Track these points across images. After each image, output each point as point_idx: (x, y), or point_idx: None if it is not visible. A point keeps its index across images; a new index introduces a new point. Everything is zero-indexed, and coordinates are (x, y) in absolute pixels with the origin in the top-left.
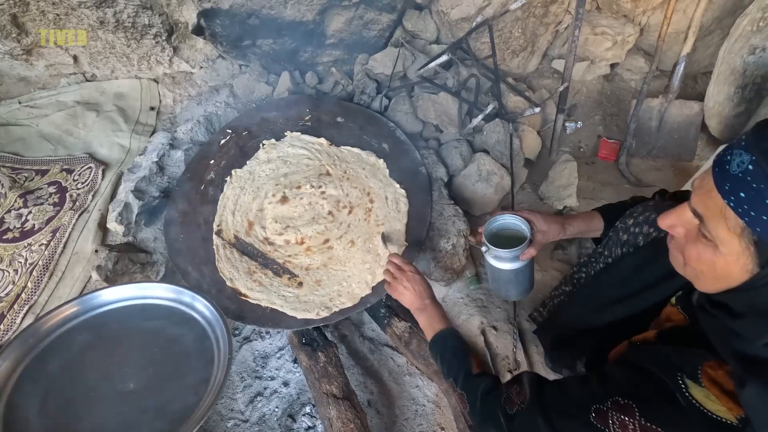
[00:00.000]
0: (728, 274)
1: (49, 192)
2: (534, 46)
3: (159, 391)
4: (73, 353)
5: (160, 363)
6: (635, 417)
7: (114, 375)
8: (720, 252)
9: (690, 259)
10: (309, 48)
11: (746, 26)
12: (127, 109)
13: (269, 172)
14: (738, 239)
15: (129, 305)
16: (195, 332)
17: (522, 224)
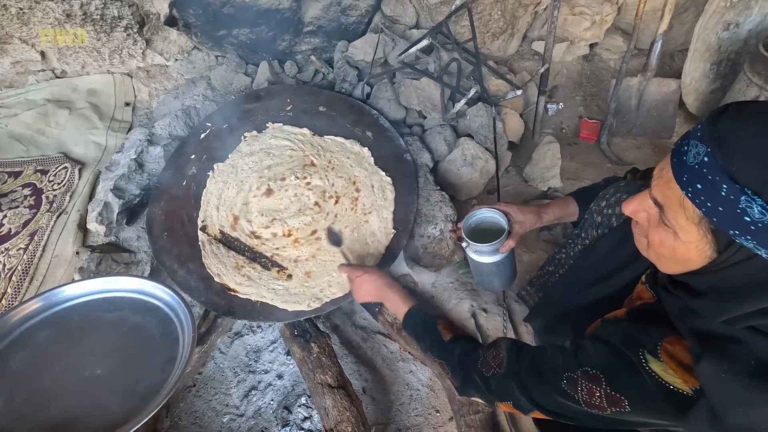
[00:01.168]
0: (688, 258)
1: (23, 194)
2: (514, 28)
3: (127, 373)
4: (37, 347)
5: (126, 349)
6: (602, 386)
7: (80, 364)
8: (680, 239)
9: (653, 244)
10: (287, 36)
11: (720, 3)
12: (101, 106)
13: (252, 165)
14: (696, 228)
15: (92, 299)
16: (158, 318)
17: (499, 217)
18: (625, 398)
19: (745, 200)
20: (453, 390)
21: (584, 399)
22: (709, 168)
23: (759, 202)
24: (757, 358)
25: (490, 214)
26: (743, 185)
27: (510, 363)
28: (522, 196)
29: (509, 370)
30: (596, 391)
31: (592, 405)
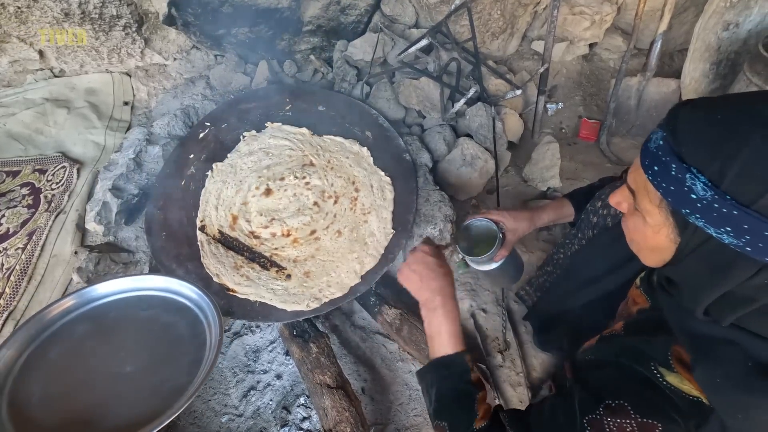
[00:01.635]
0: (658, 244)
1: (22, 194)
2: (513, 27)
3: (154, 372)
4: (73, 342)
5: (155, 348)
6: (631, 416)
7: (111, 360)
8: (648, 224)
9: (629, 231)
10: (286, 36)
11: (720, 3)
12: (100, 105)
13: (251, 165)
14: (659, 210)
15: (124, 297)
16: (188, 318)
17: (488, 224)
18: (658, 422)
19: (690, 178)
20: None
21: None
22: (663, 150)
23: (702, 179)
24: (751, 358)
25: (483, 224)
26: (689, 164)
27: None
28: (521, 196)
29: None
30: (626, 425)
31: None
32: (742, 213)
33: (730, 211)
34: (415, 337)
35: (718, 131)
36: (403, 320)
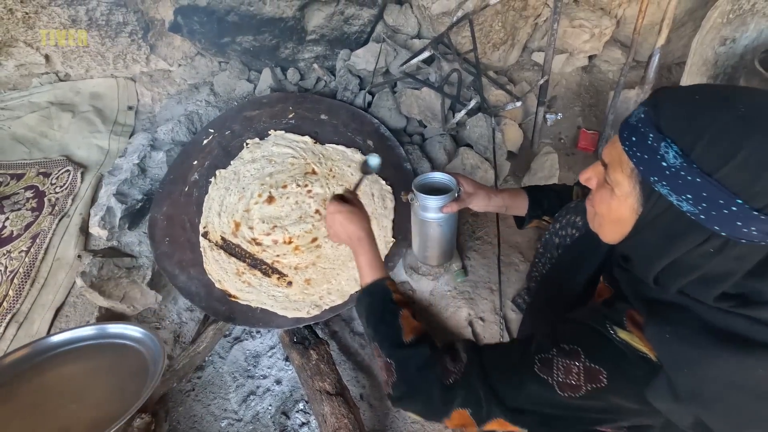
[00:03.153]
0: (621, 215)
1: (26, 197)
2: (514, 39)
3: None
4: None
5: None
6: (580, 359)
7: None
8: (615, 194)
9: (594, 203)
10: (290, 44)
11: (717, 18)
12: (104, 109)
13: (254, 172)
14: (628, 180)
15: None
16: (132, 358)
17: (449, 181)
18: (604, 369)
19: (664, 146)
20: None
21: (560, 380)
22: (643, 123)
23: (674, 148)
24: (698, 321)
25: (441, 178)
26: (666, 134)
27: (472, 362)
28: None
29: (473, 370)
30: (574, 366)
31: (567, 386)
32: (704, 181)
33: (694, 178)
34: None
35: (694, 108)
36: None
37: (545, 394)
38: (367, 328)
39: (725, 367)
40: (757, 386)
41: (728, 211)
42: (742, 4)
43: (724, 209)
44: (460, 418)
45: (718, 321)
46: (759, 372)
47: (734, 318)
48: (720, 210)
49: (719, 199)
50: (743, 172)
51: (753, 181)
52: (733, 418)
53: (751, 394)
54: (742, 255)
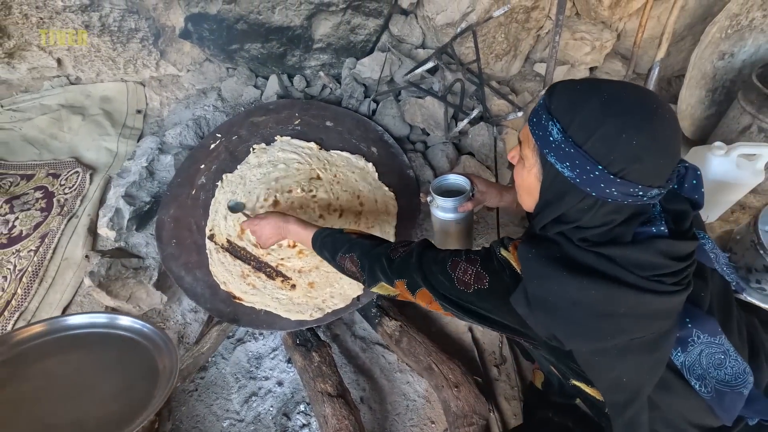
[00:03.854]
0: (530, 184)
1: (35, 197)
2: (517, 50)
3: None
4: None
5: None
6: (476, 266)
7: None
8: (525, 167)
9: (516, 180)
10: (297, 52)
11: (715, 33)
12: (114, 113)
13: (260, 177)
14: (533, 153)
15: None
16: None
17: (464, 182)
18: (487, 275)
19: (551, 125)
20: (448, 402)
21: (458, 277)
22: (540, 107)
23: (558, 126)
24: (559, 251)
25: (456, 180)
26: (553, 115)
27: (416, 249)
28: (519, 213)
29: (413, 253)
30: (470, 269)
31: (461, 282)
32: (576, 151)
33: (570, 149)
34: (414, 348)
35: (573, 95)
36: (402, 332)
37: (448, 284)
38: (329, 252)
39: (566, 284)
40: (592, 305)
41: (593, 176)
42: (740, 20)
43: (591, 174)
44: (401, 287)
45: (574, 253)
46: (592, 293)
47: (586, 253)
48: (588, 175)
49: (587, 165)
50: (602, 144)
51: (608, 151)
52: (569, 326)
53: (586, 310)
54: (611, 211)
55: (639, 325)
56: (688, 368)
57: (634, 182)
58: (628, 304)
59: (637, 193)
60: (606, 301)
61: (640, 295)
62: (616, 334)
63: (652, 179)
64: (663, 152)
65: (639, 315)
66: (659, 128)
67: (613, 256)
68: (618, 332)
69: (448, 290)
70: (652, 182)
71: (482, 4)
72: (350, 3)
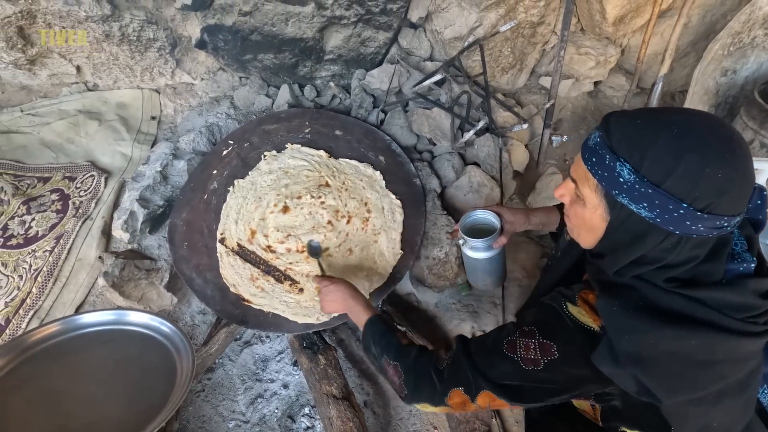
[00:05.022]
0: (594, 224)
1: (51, 199)
2: (522, 63)
3: (126, 399)
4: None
5: (128, 378)
6: (536, 337)
7: (86, 387)
8: (586, 207)
9: (571, 217)
10: (308, 63)
11: (718, 50)
12: (129, 119)
13: (271, 183)
14: (595, 194)
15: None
16: (159, 353)
17: (492, 217)
18: (553, 343)
19: (618, 165)
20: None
21: (521, 356)
22: (600, 146)
23: (627, 166)
24: (643, 298)
25: (484, 215)
26: (618, 155)
27: (460, 348)
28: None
29: (461, 354)
30: (531, 344)
31: (528, 361)
32: (654, 191)
33: (647, 190)
34: None
35: (638, 130)
36: None
37: (513, 369)
38: (375, 349)
39: (661, 336)
40: (690, 354)
41: (678, 214)
42: (742, 37)
43: (674, 212)
44: (458, 397)
45: (660, 299)
46: (692, 342)
47: (674, 297)
48: (671, 213)
49: (669, 204)
50: (684, 182)
51: (692, 188)
52: (668, 381)
53: (685, 361)
54: (695, 246)
55: (735, 369)
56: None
57: (722, 215)
58: (727, 350)
59: (723, 225)
60: (705, 348)
61: (737, 339)
62: (716, 381)
63: (738, 208)
64: (745, 179)
65: (736, 359)
66: (739, 156)
67: (705, 299)
68: (718, 379)
69: (515, 379)
70: (737, 211)
71: (489, 20)
72: (361, 17)
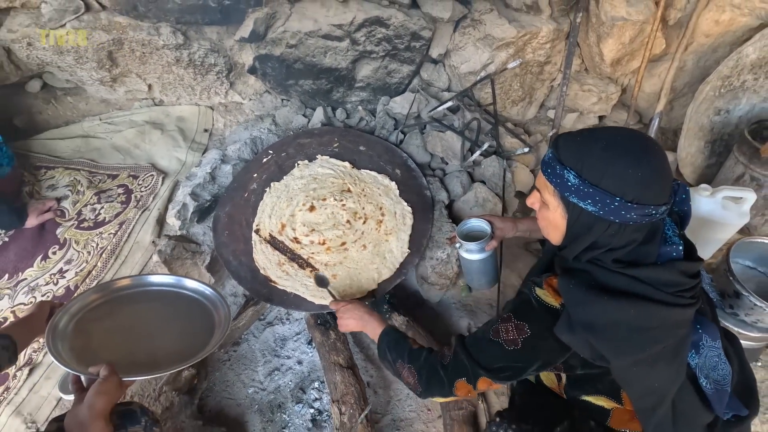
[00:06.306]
0: (557, 222)
1: (117, 192)
2: (531, 97)
3: (181, 336)
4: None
5: (181, 322)
6: (512, 321)
7: (152, 324)
8: (549, 209)
9: (541, 220)
10: (341, 89)
11: (709, 92)
12: (186, 130)
13: (301, 186)
14: (554, 197)
15: (165, 289)
16: (202, 309)
17: (484, 224)
18: (525, 323)
19: (566, 172)
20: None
21: (504, 338)
22: (552, 159)
23: (572, 173)
24: (594, 278)
25: (478, 223)
26: (565, 165)
27: (458, 344)
28: (523, 240)
29: (459, 348)
30: (510, 326)
31: (509, 341)
32: (594, 190)
33: (588, 189)
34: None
35: (578, 146)
36: (408, 326)
37: (499, 352)
38: (390, 355)
39: (607, 307)
40: (631, 322)
41: (614, 206)
42: (732, 81)
43: (611, 205)
44: (462, 386)
45: (607, 278)
46: (631, 312)
47: (618, 276)
48: (609, 206)
49: (606, 199)
50: (614, 181)
51: (621, 185)
52: (614, 344)
53: (626, 327)
54: (633, 231)
55: (668, 335)
56: (700, 368)
57: (648, 204)
58: (660, 318)
59: (652, 212)
60: (642, 317)
61: (668, 308)
62: (651, 345)
63: (660, 198)
64: (662, 176)
65: (668, 326)
66: (654, 159)
67: (642, 277)
68: (653, 343)
69: (502, 360)
70: (660, 201)
71: (500, 58)
72: (388, 52)
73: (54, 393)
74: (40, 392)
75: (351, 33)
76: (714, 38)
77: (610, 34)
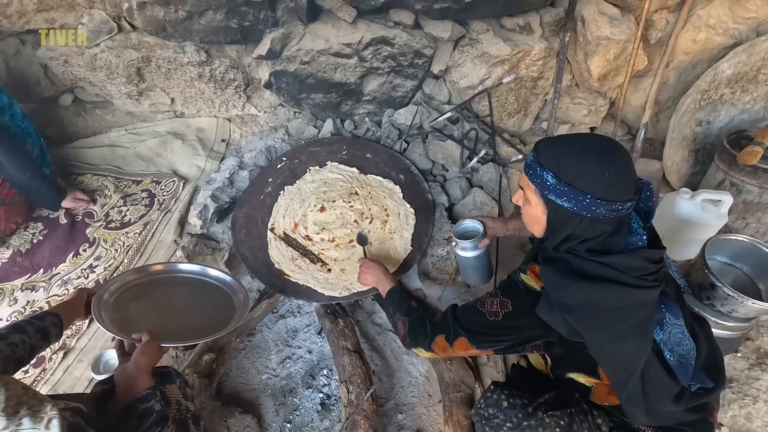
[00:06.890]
0: (539, 217)
1: (142, 196)
2: (527, 110)
3: (205, 314)
4: (158, 288)
5: (205, 305)
6: (498, 296)
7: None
8: (531, 205)
9: (525, 215)
10: (349, 102)
11: (690, 104)
12: (205, 140)
13: (313, 189)
14: (535, 195)
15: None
16: (223, 295)
17: (477, 224)
18: (509, 300)
19: (545, 173)
20: (442, 373)
21: (488, 311)
22: (533, 161)
23: (550, 173)
24: (570, 265)
25: (472, 223)
26: (545, 167)
27: (449, 310)
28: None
29: (449, 312)
30: (495, 301)
31: (492, 313)
32: (569, 188)
33: (564, 188)
34: None
35: (555, 149)
36: None
37: (481, 320)
38: (391, 308)
39: (581, 289)
40: (601, 302)
41: (586, 203)
42: (710, 94)
43: (584, 201)
44: (441, 342)
45: (582, 265)
46: (602, 293)
47: (591, 263)
48: (582, 203)
49: (579, 196)
50: (586, 180)
51: (592, 184)
52: (587, 321)
53: (598, 307)
54: (603, 224)
55: (634, 313)
56: (665, 343)
57: (615, 201)
58: (627, 298)
59: (618, 208)
60: (611, 297)
61: (634, 290)
62: (620, 322)
63: (626, 195)
64: (627, 176)
65: (634, 306)
66: (620, 161)
67: (612, 264)
68: (621, 320)
69: (483, 327)
70: (626, 198)
71: (496, 73)
72: (393, 68)
73: (86, 374)
74: (74, 373)
75: (359, 51)
76: (693, 56)
77: (596, 52)
